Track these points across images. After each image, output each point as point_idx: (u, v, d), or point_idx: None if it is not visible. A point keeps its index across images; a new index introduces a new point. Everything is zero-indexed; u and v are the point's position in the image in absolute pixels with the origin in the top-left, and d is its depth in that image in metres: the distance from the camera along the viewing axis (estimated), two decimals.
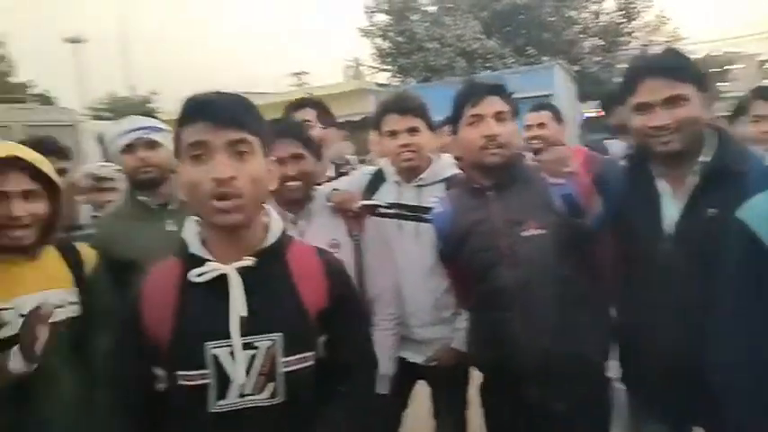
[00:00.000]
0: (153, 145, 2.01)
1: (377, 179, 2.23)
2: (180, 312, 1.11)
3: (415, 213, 2.07)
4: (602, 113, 3.90)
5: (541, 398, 1.69)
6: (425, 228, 2.02)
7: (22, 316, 1.49)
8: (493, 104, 1.76)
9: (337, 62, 49.33)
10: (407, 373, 2.10)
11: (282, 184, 1.85)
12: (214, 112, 1.06)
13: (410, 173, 2.14)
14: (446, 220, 1.88)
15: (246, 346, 1.08)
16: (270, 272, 1.14)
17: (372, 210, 2.05)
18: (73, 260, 1.68)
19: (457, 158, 2.22)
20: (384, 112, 2.15)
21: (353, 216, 1.97)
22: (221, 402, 1.09)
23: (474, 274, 1.80)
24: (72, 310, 1.62)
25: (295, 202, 1.92)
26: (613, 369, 1.82)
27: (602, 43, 18.09)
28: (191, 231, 1.17)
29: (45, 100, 25.07)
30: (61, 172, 2.14)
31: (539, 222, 1.71)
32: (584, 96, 13.13)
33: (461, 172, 2.08)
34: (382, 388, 1.92)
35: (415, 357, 2.10)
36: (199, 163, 1.06)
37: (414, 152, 2.08)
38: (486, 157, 1.75)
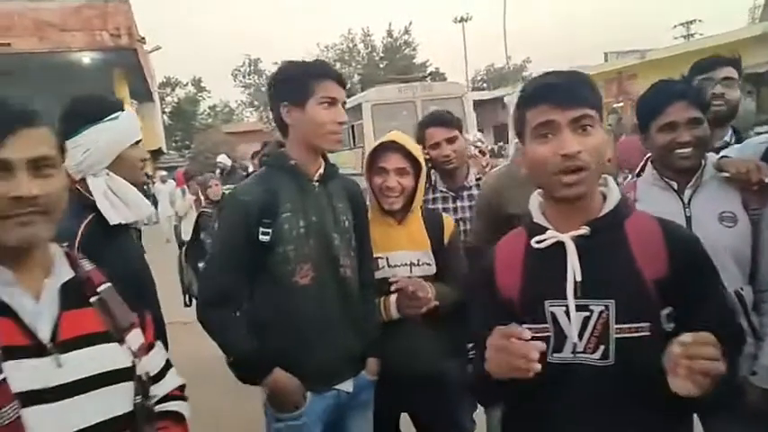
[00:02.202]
0: None
1: None
2: (525, 274, 1.24)
3: None
4: None
5: None
6: None
7: (390, 266, 1.93)
8: None
9: (739, 3, 41.00)
10: None
11: (673, 150, 1.73)
12: (556, 93, 1.14)
13: None
14: None
15: (581, 308, 1.15)
16: (605, 240, 1.18)
17: None
18: (435, 228, 2.00)
19: None
20: None
21: (755, 189, 1.69)
22: (557, 355, 1.18)
23: None
24: (425, 270, 1.95)
25: (686, 170, 1.76)
26: None
27: None
28: (534, 203, 1.28)
29: (438, 76, 28.97)
30: (452, 140, 2.50)
31: None
32: None
33: None
34: None
35: None
36: (545, 141, 1.15)
37: None
38: None
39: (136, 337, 1.08)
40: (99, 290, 1.06)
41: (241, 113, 40.57)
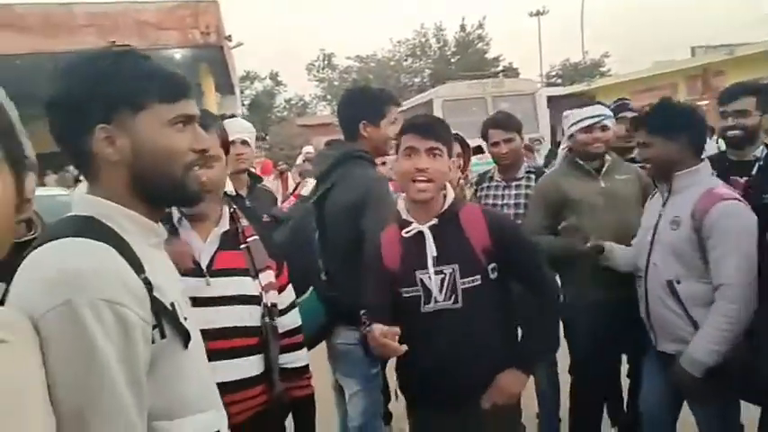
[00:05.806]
0: (604, 129, 2.64)
1: None
2: (401, 254, 1.78)
3: None
4: None
5: None
6: None
7: None
8: None
9: None
10: None
11: None
12: (420, 128, 1.73)
13: None
14: None
15: (438, 273, 1.72)
16: (448, 226, 1.76)
17: None
18: None
19: None
20: None
21: None
22: (427, 306, 1.74)
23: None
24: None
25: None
26: None
27: None
28: (401, 205, 1.82)
29: (511, 71, 28.53)
30: (509, 141, 2.97)
31: None
32: None
33: None
34: None
35: None
36: (408, 159, 1.72)
37: None
38: None
39: (267, 277, 1.56)
40: (248, 240, 1.58)
41: (314, 106, 41.68)
